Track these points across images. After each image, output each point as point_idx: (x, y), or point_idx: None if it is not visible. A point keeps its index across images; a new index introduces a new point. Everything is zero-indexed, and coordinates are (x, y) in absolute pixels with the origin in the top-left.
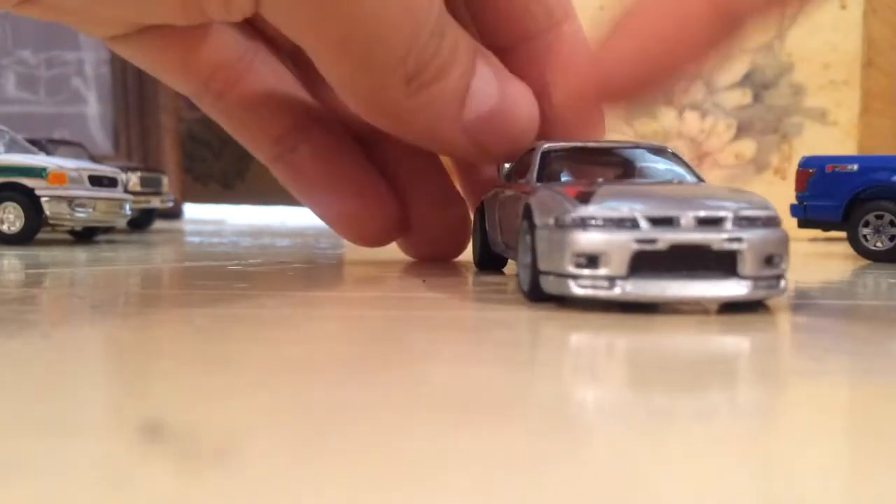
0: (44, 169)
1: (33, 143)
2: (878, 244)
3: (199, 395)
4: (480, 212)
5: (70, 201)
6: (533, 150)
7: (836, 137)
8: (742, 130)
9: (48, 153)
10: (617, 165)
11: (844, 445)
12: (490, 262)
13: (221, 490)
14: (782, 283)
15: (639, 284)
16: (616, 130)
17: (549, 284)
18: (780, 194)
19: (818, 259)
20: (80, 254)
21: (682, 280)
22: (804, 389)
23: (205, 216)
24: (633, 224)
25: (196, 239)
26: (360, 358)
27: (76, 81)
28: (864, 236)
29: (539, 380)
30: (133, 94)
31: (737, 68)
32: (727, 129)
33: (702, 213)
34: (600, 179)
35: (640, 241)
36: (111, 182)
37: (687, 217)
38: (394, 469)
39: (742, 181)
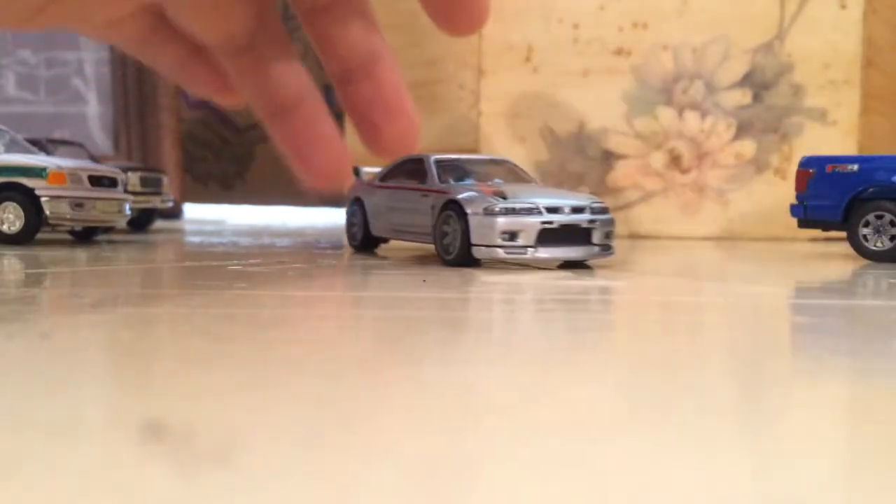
0: (44, 169)
1: (33, 143)
2: (878, 244)
3: (199, 395)
4: (359, 203)
5: (70, 201)
6: (416, 160)
7: (836, 137)
8: (742, 130)
9: (48, 153)
10: (481, 172)
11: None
12: (369, 244)
13: (221, 490)
14: (612, 249)
15: (542, 250)
16: (616, 130)
17: (480, 253)
18: (780, 194)
19: (818, 259)
20: (80, 254)
21: (565, 246)
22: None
23: (205, 216)
24: (537, 211)
25: (196, 239)
26: (359, 358)
27: (76, 81)
28: (864, 236)
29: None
30: (133, 94)
31: (737, 68)
32: (727, 129)
33: (574, 203)
34: (497, 180)
35: (543, 222)
36: (111, 182)
37: (567, 206)
38: (393, 469)
39: (742, 181)
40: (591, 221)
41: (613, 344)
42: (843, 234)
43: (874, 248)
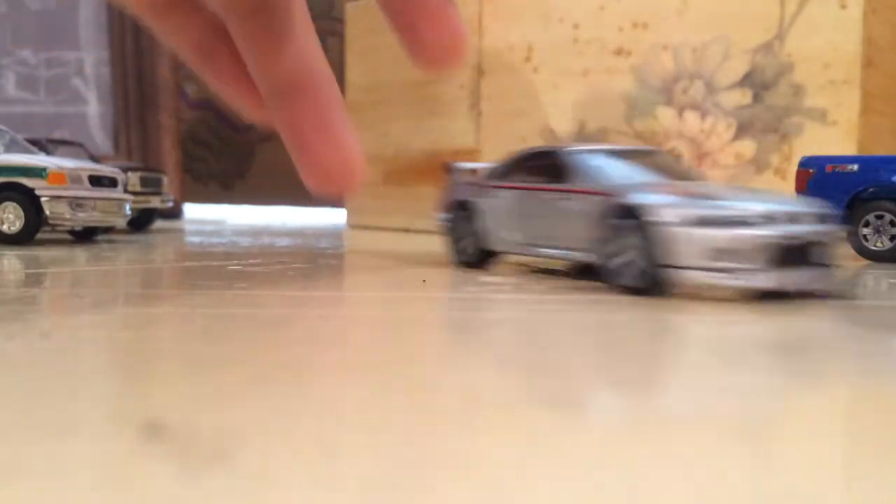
0: (44, 169)
1: (33, 143)
2: (879, 244)
3: (199, 395)
4: (465, 209)
5: (70, 201)
6: (544, 153)
7: (836, 137)
8: (742, 130)
9: (48, 153)
10: (634, 165)
11: (845, 445)
12: (483, 259)
13: (221, 490)
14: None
15: (771, 275)
16: (616, 130)
17: (675, 276)
18: None
19: None
20: (80, 254)
21: (797, 269)
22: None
23: (205, 216)
24: (754, 220)
25: (196, 239)
26: (359, 358)
27: (76, 81)
28: (865, 236)
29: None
30: (133, 94)
31: (737, 68)
32: (727, 129)
33: (792, 210)
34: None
35: (774, 235)
36: (111, 182)
37: (783, 213)
38: (393, 470)
39: (742, 181)
40: (826, 234)
41: None
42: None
43: (874, 248)
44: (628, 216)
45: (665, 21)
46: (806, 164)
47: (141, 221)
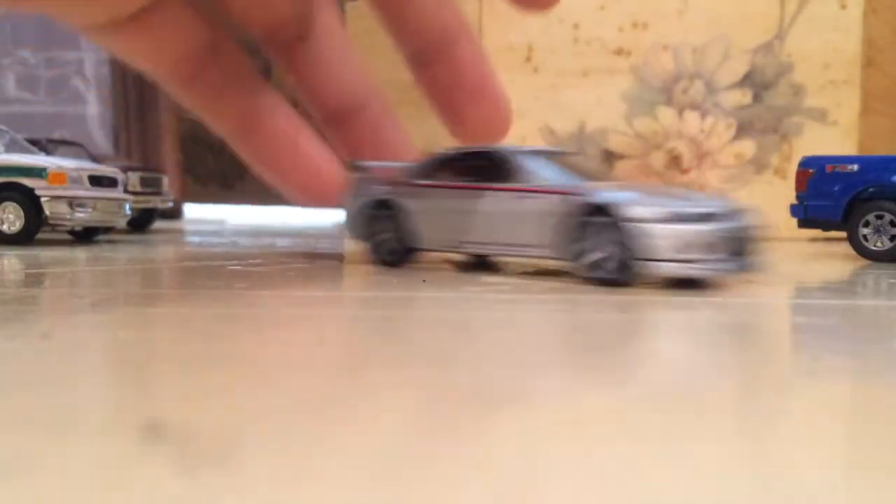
0: (44, 169)
1: (33, 143)
2: (878, 244)
3: (199, 395)
4: (385, 208)
5: (70, 201)
6: (479, 154)
7: (836, 137)
8: (742, 130)
9: (48, 153)
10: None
11: (841, 447)
12: (404, 257)
13: (221, 490)
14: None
15: (719, 264)
16: (616, 130)
17: (647, 268)
18: (780, 194)
19: (818, 259)
20: (80, 254)
21: (729, 259)
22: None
23: (205, 216)
24: (707, 216)
25: (196, 239)
26: (359, 359)
27: (76, 81)
28: (864, 236)
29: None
30: (133, 94)
31: (737, 68)
32: (727, 129)
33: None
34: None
35: (721, 229)
36: (111, 182)
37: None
38: (394, 469)
39: (742, 181)
40: (752, 227)
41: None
42: (844, 234)
43: (874, 248)
44: (596, 214)
45: (665, 21)
46: (806, 164)
47: (141, 221)
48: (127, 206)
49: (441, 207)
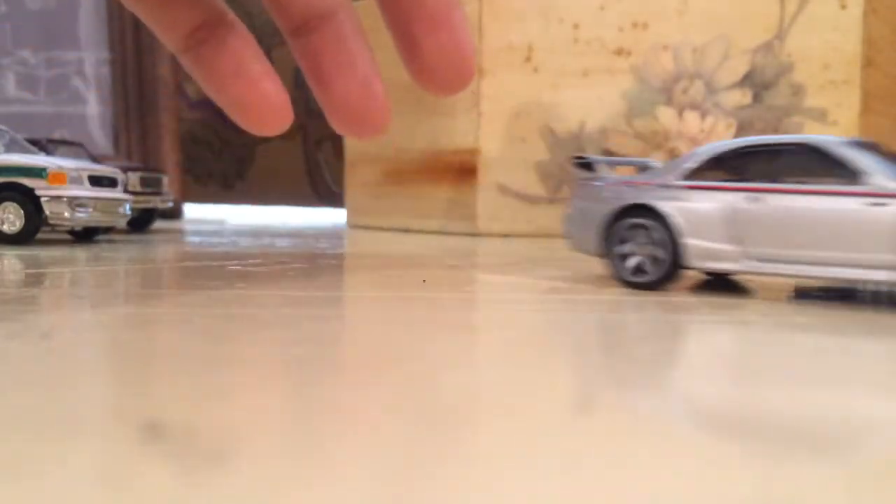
0: (44, 169)
1: (33, 143)
2: None
3: (199, 395)
4: (632, 219)
5: (70, 201)
6: (773, 147)
7: None
8: (742, 130)
9: (48, 153)
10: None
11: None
12: (660, 276)
13: (220, 490)
14: None
15: None
16: (616, 130)
17: None
18: None
19: None
20: (80, 254)
21: None
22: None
23: (205, 216)
24: None
25: (196, 239)
26: (359, 359)
27: (76, 81)
28: None
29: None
30: (133, 94)
31: (737, 68)
32: (727, 129)
33: None
34: None
35: None
36: (111, 182)
37: None
38: (394, 469)
39: None
40: None
41: None
42: None
43: None
44: None
45: (665, 21)
46: None
47: (141, 221)
48: (127, 206)
49: (726, 215)
